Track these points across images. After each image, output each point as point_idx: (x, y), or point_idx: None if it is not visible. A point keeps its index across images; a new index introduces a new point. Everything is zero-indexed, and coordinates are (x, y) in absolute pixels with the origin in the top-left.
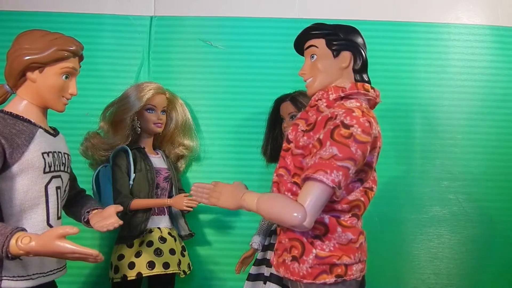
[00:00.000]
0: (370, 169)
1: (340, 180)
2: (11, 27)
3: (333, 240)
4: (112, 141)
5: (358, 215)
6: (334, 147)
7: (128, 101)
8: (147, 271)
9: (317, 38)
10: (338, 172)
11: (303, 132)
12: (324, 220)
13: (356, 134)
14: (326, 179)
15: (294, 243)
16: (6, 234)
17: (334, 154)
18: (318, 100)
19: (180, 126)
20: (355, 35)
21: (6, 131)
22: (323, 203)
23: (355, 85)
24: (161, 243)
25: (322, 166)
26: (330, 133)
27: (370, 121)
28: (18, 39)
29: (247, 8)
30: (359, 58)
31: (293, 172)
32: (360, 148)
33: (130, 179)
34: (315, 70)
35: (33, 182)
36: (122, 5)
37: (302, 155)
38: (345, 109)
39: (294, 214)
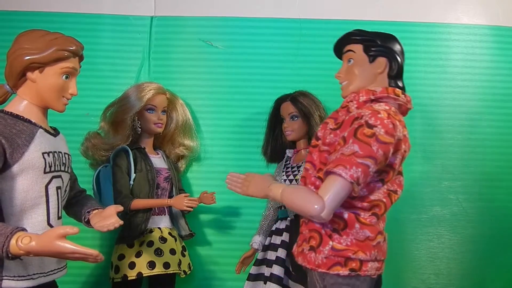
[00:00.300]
0: (393, 170)
1: (358, 176)
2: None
3: (351, 236)
4: (113, 141)
5: (378, 215)
6: (356, 144)
7: (129, 101)
8: (148, 271)
9: (356, 43)
10: (357, 168)
11: (331, 130)
12: (344, 215)
13: (379, 135)
14: (345, 174)
15: (313, 234)
16: (6, 234)
17: (355, 151)
18: (350, 101)
19: (180, 126)
20: (392, 42)
21: (7, 131)
22: (342, 197)
23: (386, 89)
24: (161, 243)
25: (342, 162)
26: (354, 131)
27: (395, 123)
28: (18, 39)
29: (247, 8)
30: (395, 64)
31: (318, 167)
32: (381, 148)
33: (131, 179)
34: (351, 74)
35: (33, 182)
36: (122, 5)
37: (328, 152)
38: (372, 110)
39: (313, 205)
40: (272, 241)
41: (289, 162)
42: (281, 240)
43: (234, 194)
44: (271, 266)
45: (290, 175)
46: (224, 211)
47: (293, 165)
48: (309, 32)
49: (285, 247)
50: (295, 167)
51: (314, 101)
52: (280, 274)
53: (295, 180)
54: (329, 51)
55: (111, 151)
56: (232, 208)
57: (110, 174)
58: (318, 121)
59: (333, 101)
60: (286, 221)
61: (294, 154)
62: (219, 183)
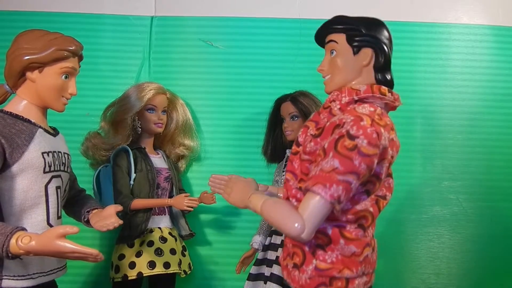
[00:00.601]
0: (379, 181)
1: (339, 194)
2: (10, 27)
3: (336, 251)
4: (113, 141)
5: (365, 226)
6: (336, 159)
7: (129, 101)
8: (148, 270)
9: (338, 32)
10: (338, 186)
11: (311, 136)
12: (327, 231)
13: (361, 146)
14: (324, 193)
15: (296, 250)
16: (6, 233)
17: (335, 167)
18: (332, 101)
19: (180, 126)
20: (378, 29)
21: (6, 131)
22: (322, 217)
23: (370, 87)
24: (161, 243)
25: (321, 179)
26: (335, 143)
27: (379, 131)
28: (17, 39)
29: (248, 8)
30: (381, 55)
31: (300, 178)
32: (364, 161)
33: (131, 179)
34: (334, 67)
35: (33, 182)
36: (122, 5)
37: (309, 161)
38: (354, 117)
39: (293, 224)
40: (272, 241)
41: None
42: (281, 240)
43: None
44: (271, 266)
45: None
46: (224, 211)
47: None
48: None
49: None
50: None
51: (314, 101)
52: (280, 274)
53: None
54: None
55: (111, 151)
56: (232, 208)
57: (110, 174)
58: None
59: None
60: None
61: None
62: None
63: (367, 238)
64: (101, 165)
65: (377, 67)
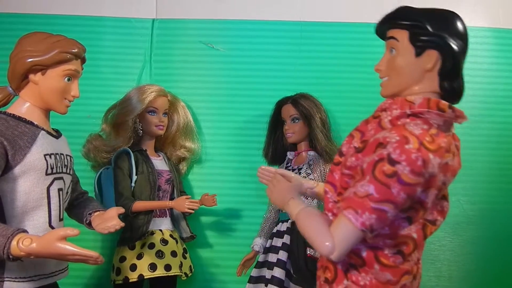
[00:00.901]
0: (423, 208)
1: (372, 223)
2: (13, 29)
3: (370, 275)
4: (114, 143)
5: (405, 254)
6: (371, 185)
7: (130, 103)
8: (149, 273)
9: (400, 28)
10: (371, 214)
11: (354, 149)
12: (361, 253)
13: (402, 174)
14: (355, 220)
15: (328, 264)
16: (7, 235)
17: (369, 193)
18: (383, 111)
19: (181, 129)
20: (449, 28)
21: (9, 132)
22: (353, 242)
23: (427, 102)
24: (162, 245)
25: (354, 204)
26: (373, 166)
27: (426, 158)
28: (20, 42)
29: (249, 11)
30: (450, 59)
31: (339, 191)
32: (404, 190)
33: (132, 181)
34: (392, 68)
35: (35, 184)
36: (124, 8)
37: (349, 176)
38: (400, 137)
39: (324, 243)
40: (273, 243)
41: (290, 164)
42: (282, 242)
43: (235, 196)
44: (272, 269)
45: None
46: (225, 213)
47: (294, 167)
48: (310, 35)
49: (286, 250)
50: (296, 169)
51: (315, 104)
52: (281, 277)
53: None
54: (330, 54)
55: (112, 153)
56: (233, 210)
57: (111, 176)
58: (319, 123)
59: (334, 103)
60: (287, 223)
61: (295, 156)
62: (220, 185)
63: (407, 265)
64: (102, 167)
65: (443, 73)
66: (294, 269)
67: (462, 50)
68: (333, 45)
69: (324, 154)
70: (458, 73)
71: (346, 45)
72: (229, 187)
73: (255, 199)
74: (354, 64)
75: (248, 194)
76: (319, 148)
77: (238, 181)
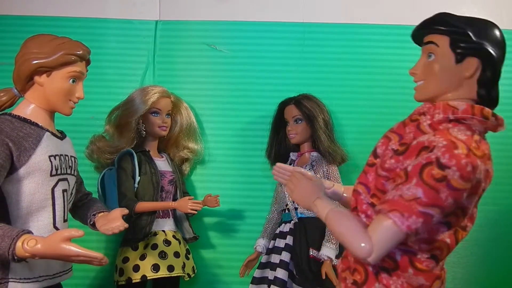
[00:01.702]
0: (464, 214)
1: (417, 227)
2: (19, 31)
3: (402, 278)
4: (117, 144)
5: (438, 258)
6: (419, 188)
7: (133, 104)
8: (152, 274)
9: (440, 34)
10: (418, 218)
11: (392, 151)
12: (396, 257)
13: (452, 179)
14: (401, 223)
15: (358, 266)
16: (12, 236)
17: (417, 196)
18: (421, 114)
19: (184, 130)
20: (490, 36)
21: (14, 134)
22: (394, 244)
23: (471, 108)
24: (165, 246)
25: (400, 207)
26: (420, 169)
27: (475, 164)
28: (26, 44)
29: (251, 12)
30: (489, 68)
31: (373, 192)
32: (452, 195)
33: (135, 182)
34: (430, 72)
35: (40, 185)
36: (127, 10)
37: (386, 178)
38: (447, 141)
39: (360, 244)
40: (276, 244)
41: (293, 165)
42: (285, 243)
43: (237, 197)
44: (275, 270)
45: None
46: (228, 214)
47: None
48: (313, 36)
49: (289, 250)
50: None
51: (318, 104)
52: (284, 278)
53: None
54: (333, 55)
55: (115, 154)
56: (236, 211)
57: (114, 177)
58: (322, 124)
59: (337, 104)
60: (290, 224)
61: (298, 157)
62: (223, 185)
63: (438, 270)
64: (105, 168)
65: (482, 81)
66: (297, 270)
67: (501, 59)
68: (336, 46)
69: (327, 155)
70: (496, 82)
71: (349, 46)
72: (231, 188)
73: (258, 200)
74: (357, 65)
75: (251, 195)
76: (322, 149)
77: (241, 182)
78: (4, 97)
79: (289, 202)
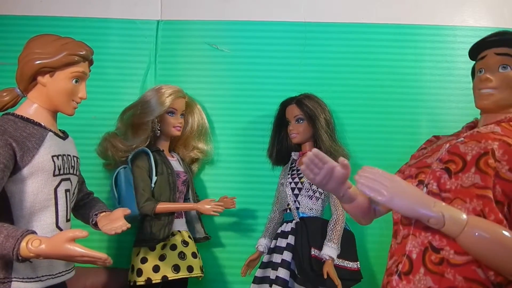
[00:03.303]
0: None
1: None
2: (22, 32)
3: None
4: (132, 143)
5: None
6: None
7: (150, 105)
8: (173, 274)
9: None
10: None
11: None
12: None
13: None
14: None
15: (474, 285)
16: (17, 236)
17: None
18: None
19: (195, 130)
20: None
21: (17, 134)
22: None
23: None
24: (184, 246)
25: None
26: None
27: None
28: (29, 44)
29: (253, 12)
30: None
31: (498, 199)
32: None
33: (152, 182)
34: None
35: (43, 185)
36: (129, 10)
37: None
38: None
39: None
40: (278, 243)
41: (294, 164)
42: (287, 242)
43: (239, 197)
44: (276, 269)
45: (295, 178)
46: (229, 213)
47: (299, 167)
48: (315, 35)
49: (291, 250)
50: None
51: (319, 104)
52: (285, 277)
53: (300, 183)
54: (335, 54)
55: (128, 153)
56: (238, 211)
57: (130, 176)
58: (324, 124)
59: (339, 103)
60: (292, 223)
61: (299, 156)
62: (224, 185)
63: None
64: (118, 166)
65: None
66: (299, 270)
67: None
68: (337, 45)
69: (328, 155)
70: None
71: (351, 45)
72: (233, 188)
73: (259, 199)
74: (359, 64)
75: (252, 195)
76: (323, 148)
77: (242, 181)
78: (7, 97)
79: (291, 202)
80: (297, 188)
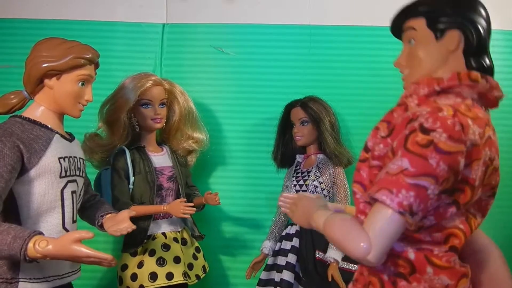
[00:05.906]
0: (470, 187)
1: (411, 203)
2: (28, 35)
3: (423, 283)
4: (109, 142)
5: (457, 248)
6: (405, 158)
7: (119, 100)
8: (149, 283)
9: (415, 17)
10: (408, 192)
11: (381, 138)
12: (409, 255)
13: (439, 142)
14: (390, 200)
15: (372, 278)
16: (24, 237)
17: (404, 168)
18: (408, 97)
19: (184, 117)
20: (467, 5)
21: (24, 136)
22: (393, 233)
23: (457, 75)
24: (164, 251)
25: (387, 184)
26: (404, 139)
27: (465, 123)
28: (36, 47)
29: (258, 15)
30: (473, 36)
31: (369, 188)
32: (444, 160)
33: (130, 183)
34: (413, 58)
35: (49, 186)
36: (134, 13)
37: (378, 167)
38: (431, 108)
39: (357, 244)
40: (282, 246)
41: (299, 167)
42: (291, 245)
43: (244, 199)
44: (281, 272)
45: (300, 180)
46: (234, 216)
47: (303, 170)
48: (319, 38)
49: (295, 253)
50: (305, 172)
51: (324, 107)
52: (290, 280)
53: (305, 185)
54: (339, 57)
55: (108, 152)
56: (243, 213)
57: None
58: (328, 126)
59: (343, 106)
60: (296, 226)
61: (304, 159)
62: (229, 188)
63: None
64: (104, 166)
65: (468, 51)
66: (303, 272)
67: (483, 25)
68: (342, 48)
69: (333, 157)
70: (484, 49)
71: (355, 48)
72: (238, 190)
73: (264, 202)
74: (364, 67)
75: (257, 197)
76: (328, 151)
77: (247, 184)
78: (14, 99)
79: None
80: (301, 190)
